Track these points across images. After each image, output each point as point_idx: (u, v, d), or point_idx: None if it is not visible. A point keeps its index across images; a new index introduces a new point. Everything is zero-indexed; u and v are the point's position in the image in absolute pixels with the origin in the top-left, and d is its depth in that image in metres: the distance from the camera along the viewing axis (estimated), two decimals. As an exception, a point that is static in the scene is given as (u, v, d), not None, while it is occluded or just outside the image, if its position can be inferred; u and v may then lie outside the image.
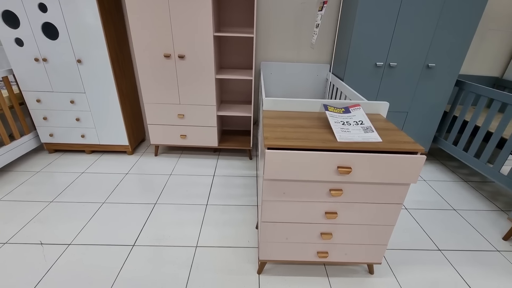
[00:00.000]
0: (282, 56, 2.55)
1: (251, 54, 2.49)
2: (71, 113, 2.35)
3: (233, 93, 2.68)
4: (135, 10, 1.95)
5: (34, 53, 2.11)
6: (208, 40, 2.04)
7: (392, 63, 2.11)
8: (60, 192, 2.02)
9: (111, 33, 2.14)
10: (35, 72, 2.18)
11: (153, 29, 2.01)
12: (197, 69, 2.15)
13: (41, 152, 2.60)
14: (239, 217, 1.84)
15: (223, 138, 2.65)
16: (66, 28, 2.02)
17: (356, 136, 1.11)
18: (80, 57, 2.12)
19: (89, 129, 2.43)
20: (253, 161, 2.58)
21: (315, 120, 1.30)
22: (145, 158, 2.56)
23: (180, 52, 2.09)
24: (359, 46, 2.04)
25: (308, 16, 2.37)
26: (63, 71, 2.17)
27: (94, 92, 2.26)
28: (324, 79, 2.59)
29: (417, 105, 2.29)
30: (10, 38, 2.06)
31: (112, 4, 2.15)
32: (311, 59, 2.56)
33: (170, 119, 2.36)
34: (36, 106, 2.31)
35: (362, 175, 1.07)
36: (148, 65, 2.14)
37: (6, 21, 2.02)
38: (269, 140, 1.07)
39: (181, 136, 2.43)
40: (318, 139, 1.09)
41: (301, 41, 2.47)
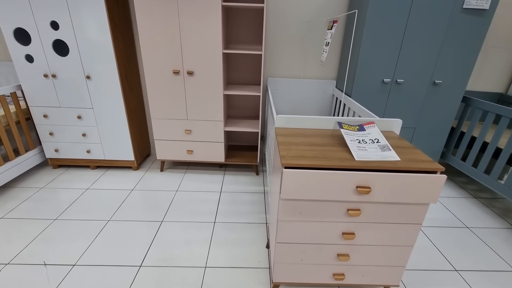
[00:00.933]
0: (289, 72, 2.57)
1: (258, 70, 2.52)
2: (78, 129, 2.34)
3: (239, 108, 2.69)
4: (146, 28, 1.98)
5: (44, 69, 2.12)
6: (217, 57, 2.06)
7: (399, 79, 2.13)
8: (65, 209, 1.97)
9: (120, 49, 2.16)
10: (43, 88, 2.18)
11: (163, 46, 2.03)
12: (206, 85, 2.16)
13: (45, 167, 2.57)
14: (248, 235, 1.79)
15: (230, 154, 2.63)
16: (76, 45, 2.04)
17: (374, 154, 1.09)
18: (89, 73, 2.14)
19: (95, 145, 2.41)
20: (260, 176, 2.55)
21: (330, 137, 1.28)
22: (151, 173, 2.53)
23: (189, 69, 2.10)
24: (366, 63, 2.07)
25: (314, 33, 2.42)
26: (72, 87, 2.18)
27: (102, 108, 2.26)
28: (330, 95, 2.61)
29: (425, 121, 2.29)
30: (20, 54, 2.08)
31: (122, 21, 2.19)
32: (317, 75, 2.59)
33: (177, 134, 2.35)
34: (43, 121, 2.31)
35: (381, 195, 1.05)
36: (156, 81, 2.15)
37: (17, 38, 2.05)
38: (286, 159, 1.05)
39: (188, 151, 2.42)
40: (336, 157, 1.08)
41: (307, 58, 2.51)
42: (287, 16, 2.36)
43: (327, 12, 2.34)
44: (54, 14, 1.95)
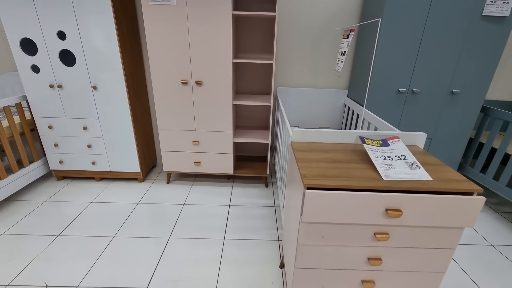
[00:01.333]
0: (299, 81, 2.51)
1: (267, 79, 2.45)
2: (83, 140, 2.28)
3: (248, 118, 2.62)
4: (154, 37, 1.93)
5: (50, 80, 2.08)
6: (227, 67, 2.01)
7: (416, 89, 2.05)
8: (68, 225, 1.90)
9: (128, 59, 2.12)
10: (49, 98, 2.14)
11: (172, 56, 1.98)
12: (215, 95, 2.10)
13: (49, 179, 2.50)
14: (260, 253, 1.70)
15: (238, 165, 2.55)
16: (83, 55, 2.00)
17: (402, 173, 1.00)
18: (96, 83, 2.09)
19: (100, 156, 2.35)
20: (270, 189, 2.46)
21: (351, 153, 1.20)
22: (157, 185, 2.46)
23: (197, 79, 2.05)
24: (381, 73, 1.99)
25: (325, 42, 2.36)
26: (78, 97, 2.13)
27: (108, 118, 2.20)
28: (341, 104, 2.53)
29: (441, 131, 2.20)
30: (26, 65, 2.04)
31: (130, 30, 2.15)
32: (329, 85, 2.52)
33: (184, 145, 2.28)
34: (48, 132, 2.25)
35: (412, 218, 0.96)
36: (164, 91, 2.09)
37: (24, 49, 2.02)
38: (308, 178, 0.96)
39: (195, 163, 2.34)
40: (361, 176, 0.99)
41: (318, 67, 2.44)
42: (297, 24, 2.31)
43: (338, 20, 2.28)
44: (61, 24, 1.92)
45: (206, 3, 1.83)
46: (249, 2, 2.20)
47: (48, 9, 1.88)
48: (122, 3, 2.00)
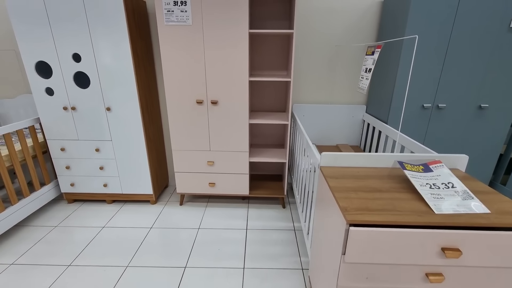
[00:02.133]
0: (315, 97, 2.44)
1: (281, 96, 2.39)
2: (95, 162, 2.22)
3: (262, 136, 2.54)
4: (170, 57, 1.90)
5: (64, 102, 2.05)
6: (243, 85, 1.95)
7: (441, 104, 1.95)
8: (79, 253, 1.80)
9: (142, 80, 2.08)
10: (62, 120, 2.10)
11: (187, 76, 1.94)
12: (230, 114, 2.03)
13: (60, 202, 2.44)
14: (284, 285, 1.57)
15: (253, 185, 2.45)
16: (98, 76, 1.97)
17: (455, 205, 0.89)
18: (110, 105, 2.05)
19: (112, 178, 2.28)
20: (287, 210, 2.34)
21: (389, 179, 1.10)
22: (170, 208, 2.36)
23: (213, 98, 1.99)
24: (404, 88, 1.91)
25: (342, 58, 2.30)
26: (91, 119, 2.09)
27: (121, 140, 2.15)
28: (360, 120, 2.44)
29: (470, 147, 2.08)
30: (41, 88, 2.02)
31: (144, 51, 2.13)
32: (346, 100, 2.44)
33: (199, 166, 2.20)
34: (60, 155, 2.21)
35: (472, 258, 0.84)
36: (179, 111, 2.04)
37: (39, 71, 2.00)
38: (351, 213, 0.86)
39: (210, 184, 2.25)
40: (409, 210, 0.88)
41: (334, 82, 2.38)
42: (313, 40, 2.26)
43: (355, 36, 2.23)
44: (76, 47, 1.90)
45: (222, 22, 1.80)
46: (263, 19, 2.17)
47: (64, 32, 1.87)
48: (136, 25, 1.99)
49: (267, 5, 2.14)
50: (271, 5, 2.13)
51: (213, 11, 1.78)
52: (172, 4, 1.76)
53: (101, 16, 1.82)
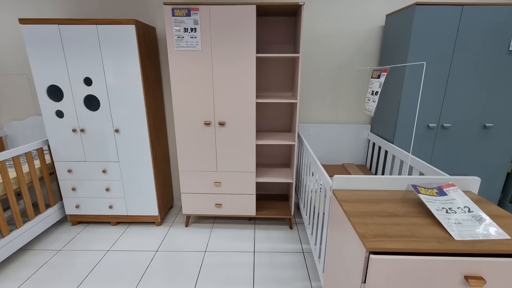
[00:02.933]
0: (319, 117, 2.47)
1: (286, 116, 2.42)
2: (101, 183, 2.22)
3: (268, 156, 2.55)
4: (179, 81, 1.94)
5: (73, 124, 2.08)
6: (250, 107, 1.98)
7: (446, 124, 1.98)
8: (84, 279, 1.76)
9: (150, 102, 2.12)
10: (70, 142, 2.12)
11: (195, 98, 1.98)
12: (237, 135, 2.05)
13: (64, 224, 2.40)
14: (296, 312, 1.51)
15: (260, 205, 2.43)
16: (108, 99, 2.01)
17: (474, 230, 0.89)
18: (118, 126, 2.07)
19: (118, 199, 2.26)
20: (294, 231, 2.31)
21: (403, 203, 1.09)
22: (175, 229, 2.33)
23: (221, 119, 2.02)
24: (409, 108, 1.94)
25: (345, 79, 2.36)
26: (99, 140, 2.11)
27: (128, 161, 2.15)
28: (365, 139, 2.46)
29: (476, 167, 2.08)
30: (51, 110, 2.05)
31: (153, 74, 2.18)
32: (350, 120, 2.47)
33: (206, 187, 2.19)
34: (66, 176, 2.20)
35: (497, 286, 0.82)
36: (187, 132, 2.06)
37: (50, 95, 2.04)
38: (370, 240, 0.85)
39: (217, 205, 2.23)
40: (428, 236, 0.88)
41: (339, 103, 2.42)
42: (317, 62, 2.33)
43: (359, 58, 2.30)
44: (88, 71, 1.95)
45: (230, 47, 1.86)
46: (268, 43, 2.25)
47: (77, 58, 1.93)
48: (147, 49, 2.05)
49: (272, 30, 2.22)
50: (275, 30, 2.21)
51: (221, 36, 1.84)
52: (182, 31, 1.83)
53: (114, 42, 1.89)
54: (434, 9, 1.76)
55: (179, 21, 1.81)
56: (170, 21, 1.82)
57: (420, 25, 1.78)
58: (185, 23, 1.82)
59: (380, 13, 2.20)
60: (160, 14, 2.24)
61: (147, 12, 2.23)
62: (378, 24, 2.22)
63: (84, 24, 1.86)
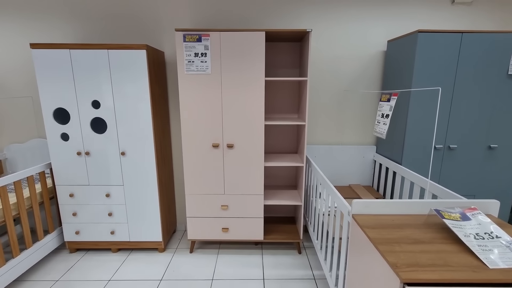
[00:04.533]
0: (325, 138, 2.48)
1: (293, 138, 2.43)
2: (104, 207, 2.14)
3: (274, 177, 2.52)
4: (188, 103, 1.95)
5: (78, 147, 2.04)
6: (259, 129, 1.99)
7: (452, 145, 2.01)
8: (84, 313, 1.64)
9: (158, 125, 2.11)
10: (74, 165, 2.07)
11: (204, 121, 1.98)
12: (246, 157, 2.04)
13: (62, 251, 2.28)
14: None
15: (266, 228, 2.36)
16: (115, 122, 2.00)
17: (506, 258, 0.86)
18: (125, 149, 2.04)
19: (121, 225, 2.18)
20: (303, 255, 2.23)
21: (427, 228, 1.07)
22: (180, 256, 2.23)
23: (229, 142, 2.01)
24: (415, 130, 1.97)
25: (350, 101, 2.40)
26: (104, 163, 2.07)
27: (133, 184, 2.10)
28: (370, 160, 2.47)
29: (484, 187, 2.09)
30: (56, 133, 2.02)
31: (160, 97, 2.19)
32: (355, 141, 2.49)
33: (212, 210, 2.14)
34: (67, 201, 2.13)
35: (537, 319, 0.79)
36: (194, 155, 2.04)
37: (56, 118, 2.02)
38: (403, 270, 0.82)
39: (223, 229, 2.16)
40: (462, 265, 0.85)
41: (344, 124, 2.45)
42: (322, 85, 2.38)
43: (362, 81, 2.36)
44: (96, 95, 1.96)
45: (240, 71, 1.89)
46: (275, 67, 2.30)
47: (87, 81, 1.93)
48: (156, 73, 2.08)
49: (278, 54, 2.28)
50: (281, 54, 2.28)
51: (231, 61, 1.88)
52: (193, 56, 1.87)
53: (124, 66, 1.91)
54: (435, 36, 1.84)
55: (190, 46, 1.85)
56: (181, 46, 1.86)
57: (422, 51, 1.86)
58: (195, 48, 1.86)
59: (382, 39, 2.29)
60: (169, 38, 2.29)
61: (155, 37, 2.29)
62: (379, 49, 2.31)
63: (96, 49, 1.88)
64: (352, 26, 2.28)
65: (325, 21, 2.27)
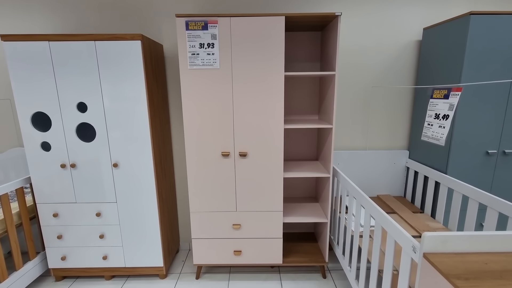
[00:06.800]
0: (349, 143, 2.16)
1: (312, 142, 2.11)
2: (94, 229, 1.82)
3: (291, 188, 2.20)
4: (192, 105, 1.63)
5: (62, 159, 1.72)
6: (277, 134, 1.67)
7: (508, 150, 1.68)
8: None
9: (156, 130, 1.79)
10: (58, 180, 1.75)
11: (211, 125, 1.66)
12: (262, 168, 1.71)
13: (46, 279, 1.96)
14: None
15: (284, 248, 2.04)
16: (105, 128, 1.67)
17: None
18: (117, 160, 1.72)
19: (114, 248, 1.85)
20: (329, 280, 1.91)
21: (545, 279, 0.75)
22: (184, 283, 1.90)
23: (241, 149, 1.69)
24: (465, 133, 1.65)
25: (378, 99, 2.08)
26: (93, 177, 1.74)
27: (128, 201, 1.78)
28: (402, 167, 2.14)
29: (544, 198, 1.77)
30: (36, 142, 1.70)
31: (159, 97, 1.87)
32: (384, 145, 2.17)
33: (222, 231, 1.81)
34: (51, 221, 1.80)
35: None
36: (200, 166, 1.71)
37: (35, 124, 1.70)
38: None
39: (235, 252, 1.84)
40: None
41: (370, 126, 2.12)
42: (346, 81, 2.06)
43: (389, 76, 2.04)
44: (82, 95, 1.63)
45: (254, 64, 1.57)
46: (291, 61, 1.98)
47: (71, 80, 1.61)
48: (153, 70, 1.76)
49: (295, 46, 1.96)
50: (298, 46, 1.96)
51: (244, 53, 1.56)
52: (197, 47, 1.55)
53: (115, 61, 1.59)
54: (490, 19, 1.52)
55: (194, 36, 1.53)
56: (184, 36, 1.54)
57: (475, 38, 1.54)
58: (201, 38, 1.54)
59: (415, 26, 1.97)
60: (168, 28, 1.97)
61: (152, 27, 1.96)
62: (412, 39, 1.99)
63: (80, 41, 1.56)
64: (379, 13, 1.95)
65: (346, 8, 1.95)
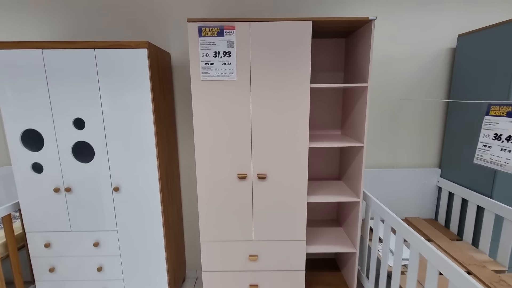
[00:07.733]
0: (375, 160, 1.96)
1: (335, 160, 1.91)
2: (92, 260, 1.60)
3: (311, 211, 1.99)
4: (204, 120, 1.43)
5: (56, 182, 1.51)
6: (301, 154, 1.47)
7: (562, 171, 1.48)
8: None
9: (163, 149, 1.59)
10: (51, 206, 1.53)
11: (225, 144, 1.45)
12: (283, 192, 1.51)
13: (35, 318, 1.72)
14: None
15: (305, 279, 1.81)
16: (106, 147, 1.47)
17: None
18: (118, 183, 1.51)
19: (114, 282, 1.63)
20: (357, 318, 1.68)
21: None
22: (193, 322, 1.67)
23: (260, 171, 1.48)
24: None
25: (407, 113, 1.89)
26: (91, 202, 1.53)
27: (130, 229, 1.57)
28: (433, 187, 1.94)
29: None
30: (26, 163, 1.49)
31: (167, 113, 1.67)
32: (413, 163, 1.97)
33: (237, 262, 1.59)
34: (42, 252, 1.59)
35: None
36: (212, 190, 1.51)
37: (25, 143, 1.49)
38: None
39: (251, 286, 1.62)
40: None
41: (398, 142, 1.93)
42: (372, 93, 1.87)
43: (420, 88, 1.85)
44: (80, 110, 1.44)
45: (276, 76, 1.38)
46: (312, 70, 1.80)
47: (66, 93, 1.42)
48: (161, 81, 1.57)
49: (317, 54, 1.78)
50: (321, 54, 1.78)
51: (264, 63, 1.37)
52: (212, 56, 1.36)
53: (117, 71, 1.40)
54: (544, 24, 1.34)
55: (209, 43, 1.34)
56: (196, 43, 1.35)
57: (527, 45, 1.36)
58: (216, 46, 1.35)
59: (449, 33, 1.79)
60: (177, 35, 1.78)
61: (158, 34, 1.78)
62: (445, 46, 1.81)
63: (78, 48, 1.37)
64: (408, 19, 1.78)
65: (372, 14, 1.78)
